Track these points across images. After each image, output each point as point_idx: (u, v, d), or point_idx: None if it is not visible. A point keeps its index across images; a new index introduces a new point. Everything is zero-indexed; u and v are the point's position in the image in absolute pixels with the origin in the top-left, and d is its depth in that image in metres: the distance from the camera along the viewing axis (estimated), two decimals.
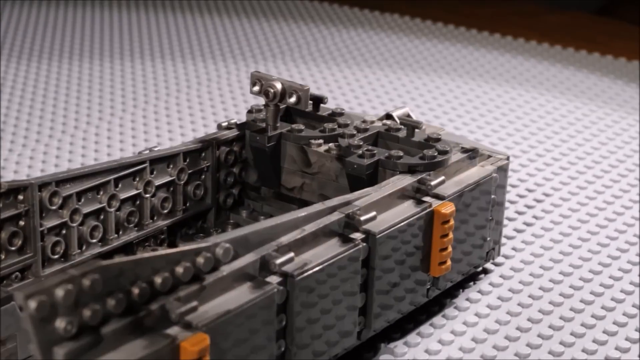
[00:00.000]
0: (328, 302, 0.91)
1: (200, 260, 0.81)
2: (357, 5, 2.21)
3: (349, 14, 2.17)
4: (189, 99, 1.67)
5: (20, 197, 0.93)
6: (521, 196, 1.36)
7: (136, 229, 1.05)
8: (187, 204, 1.10)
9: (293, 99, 1.07)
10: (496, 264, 1.18)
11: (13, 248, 0.93)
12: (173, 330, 0.78)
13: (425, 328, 1.06)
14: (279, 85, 1.07)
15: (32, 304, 0.70)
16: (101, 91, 1.69)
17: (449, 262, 1.03)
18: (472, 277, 1.15)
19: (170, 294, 0.79)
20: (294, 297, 0.87)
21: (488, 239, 1.12)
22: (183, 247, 0.81)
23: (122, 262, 0.76)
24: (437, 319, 1.07)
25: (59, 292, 0.71)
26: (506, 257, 1.20)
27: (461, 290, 1.13)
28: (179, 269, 0.80)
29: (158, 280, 0.78)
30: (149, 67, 1.80)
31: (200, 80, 1.76)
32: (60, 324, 0.72)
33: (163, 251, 0.79)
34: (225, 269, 0.84)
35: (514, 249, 1.22)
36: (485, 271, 1.17)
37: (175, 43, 1.94)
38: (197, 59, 1.86)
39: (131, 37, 1.97)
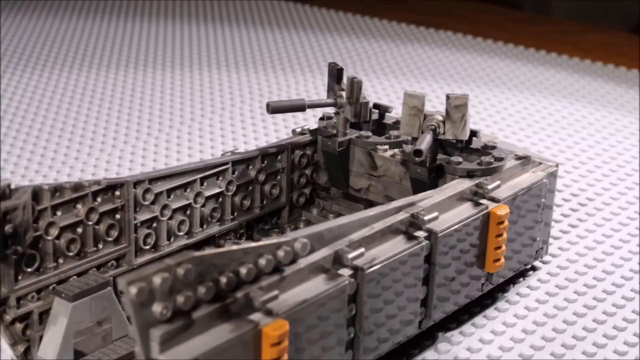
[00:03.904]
0: (393, 293, 0.92)
1: (280, 253, 0.82)
2: (413, 22, 2.21)
3: (406, 30, 2.17)
4: (261, 107, 1.68)
5: (117, 193, 0.94)
6: (566, 200, 1.35)
7: (218, 223, 1.06)
8: (264, 202, 1.11)
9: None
10: (544, 262, 1.18)
11: (110, 239, 0.95)
12: (256, 317, 0.79)
13: (479, 319, 1.06)
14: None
15: (133, 290, 0.71)
16: (182, 99, 1.71)
17: (502, 260, 1.03)
18: (522, 274, 1.14)
19: (253, 283, 0.80)
20: (364, 289, 0.88)
21: (537, 238, 1.11)
22: (266, 241, 0.82)
23: (212, 253, 0.77)
24: (490, 311, 1.07)
25: (157, 280, 0.72)
26: (553, 255, 1.19)
27: (512, 285, 1.12)
28: (262, 261, 0.81)
29: (243, 270, 0.79)
30: (225, 77, 1.82)
31: (271, 89, 1.77)
32: (156, 308, 0.73)
33: (248, 244, 0.80)
34: (303, 262, 0.84)
35: (560, 248, 1.21)
36: (534, 268, 1.16)
37: (248, 55, 1.95)
38: (267, 70, 1.87)
39: (208, 49, 1.98)
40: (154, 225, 0.99)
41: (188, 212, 1.02)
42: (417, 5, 2.36)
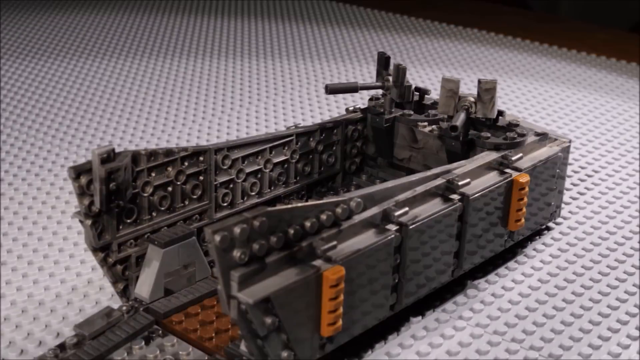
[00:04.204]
0: (431, 246, 0.91)
1: (338, 210, 0.82)
2: (444, 21, 2.19)
3: (438, 27, 2.15)
4: (316, 90, 1.67)
5: (201, 158, 0.95)
6: (575, 172, 1.33)
7: (284, 186, 1.06)
8: (322, 168, 1.11)
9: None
10: (557, 224, 1.16)
11: (194, 197, 0.95)
12: (317, 263, 0.80)
13: (502, 270, 1.05)
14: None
15: (217, 238, 0.71)
16: (250, 83, 1.71)
17: (522, 220, 1.03)
18: (538, 233, 1.13)
19: (316, 235, 0.80)
20: (407, 242, 0.88)
21: (552, 203, 1.10)
22: (326, 200, 0.82)
23: (282, 209, 0.77)
24: (511, 264, 1.07)
25: (236, 230, 0.73)
26: (564, 218, 1.18)
27: (529, 242, 1.11)
28: (323, 216, 0.81)
29: (307, 224, 0.79)
30: (286, 66, 1.81)
31: (325, 76, 1.76)
32: (236, 253, 0.73)
33: (312, 202, 0.80)
34: (357, 218, 0.84)
35: (570, 212, 1.20)
36: (548, 228, 1.15)
37: (305, 48, 1.94)
38: (322, 60, 1.86)
39: (272, 42, 1.98)
40: (231, 186, 0.99)
41: (259, 175, 1.02)
42: (446, 7, 2.34)
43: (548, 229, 1.15)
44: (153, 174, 0.91)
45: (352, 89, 1.07)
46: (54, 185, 1.25)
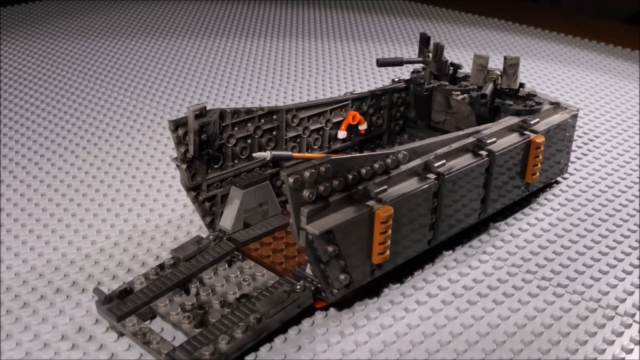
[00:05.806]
0: (461, 194, 0.90)
1: (388, 160, 0.81)
2: (470, 11, 2.14)
3: (463, 16, 2.10)
4: (371, 64, 1.64)
5: (275, 117, 0.94)
6: (579, 136, 1.30)
7: (341, 141, 1.05)
8: (371, 128, 1.09)
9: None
10: (564, 178, 1.14)
11: (269, 148, 0.94)
12: (371, 203, 0.79)
13: (519, 215, 1.03)
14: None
15: (290, 179, 0.71)
16: (317, 60, 1.69)
17: (537, 174, 1.00)
18: (549, 185, 1.11)
19: (370, 180, 0.79)
20: (443, 188, 0.86)
21: (561, 161, 1.08)
22: (379, 152, 0.80)
23: (343, 158, 0.76)
24: (526, 210, 1.04)
25: (306, 173, 0.72)
26: (571, 174, 1.15)
27: (541, 193, 1.09)
28: (376, 165, 0.79)
29: (363, 171, 0.78)
30: (345, 47, 1.79)
31: (372, 55, 1.73)
32: (305, 193, 0.72)
33: (367, 153, 0.79)
34: (403, 167, 0.83)
35: (575, 169, 1.17)
36: (557, 182, 1.12)
37: (362, 31, 1.91)
38: (371, 42, 1.83)
39: (340, 28, 1.95)
40: (298, 140, 0.98)
41: (321, 132, 1.01)
42: (470, 1, 2.28)
43: (557, 182, 1.13)
44: (236, 129, 0.90)
45: (398, 62, 1.05)
46: (152, 138, 1.25)
